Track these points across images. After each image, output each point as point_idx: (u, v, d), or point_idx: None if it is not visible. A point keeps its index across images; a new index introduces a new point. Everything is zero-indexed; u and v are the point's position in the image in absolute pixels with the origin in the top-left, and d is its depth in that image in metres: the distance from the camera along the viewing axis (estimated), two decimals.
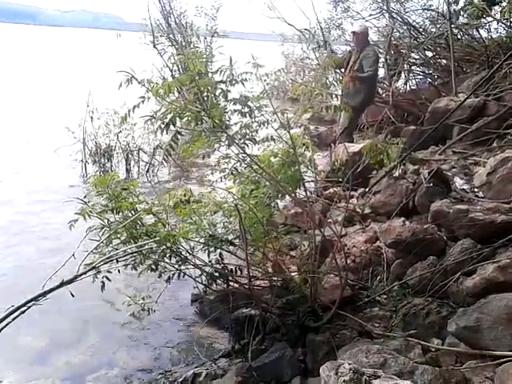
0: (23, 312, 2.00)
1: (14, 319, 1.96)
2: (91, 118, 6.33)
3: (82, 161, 6.52)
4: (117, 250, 2.55)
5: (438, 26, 8.86)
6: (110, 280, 2.59)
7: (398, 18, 9.00)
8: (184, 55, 2.76)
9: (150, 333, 3.18)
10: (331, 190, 4.33)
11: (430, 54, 8.98)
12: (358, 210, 3.99)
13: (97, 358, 2.90)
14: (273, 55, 10.31)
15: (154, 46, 9.98)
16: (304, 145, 2.97)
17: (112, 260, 2.47)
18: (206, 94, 2.61)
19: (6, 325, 1.93)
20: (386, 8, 8.94)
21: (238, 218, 2.75)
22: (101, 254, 2.47)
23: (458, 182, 3.98)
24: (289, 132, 2.76)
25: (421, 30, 9.14)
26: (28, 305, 2.03)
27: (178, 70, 9.66)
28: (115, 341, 3.09)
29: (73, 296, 2.26)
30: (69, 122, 6.42)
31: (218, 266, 2.95)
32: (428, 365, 2.17)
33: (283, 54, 12.59)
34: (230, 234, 3.01)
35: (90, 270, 2.28)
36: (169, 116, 2.59)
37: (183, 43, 10.58)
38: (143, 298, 3.14)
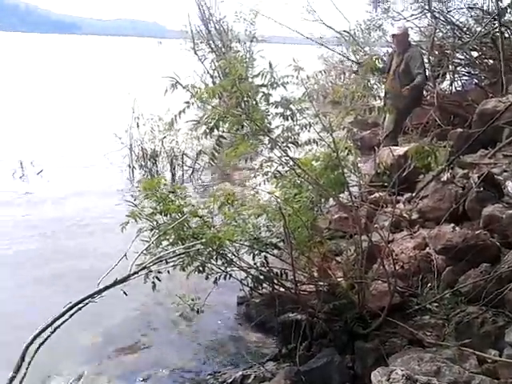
0: (80, 309, 2.08)
1: (71, 316, 2.04)
2: (137, 124, 6.51)
3: (129, 166, 6.72)
4: (166, 251, 2.60)
5: (484, 24, 8.55)
6: (160, 280, 2.64)
7: (441, 17, 8.75)
8: (225, 60, 2.79)
9: (197, 334, 3.21)
10: (376, 195, 4.24)
11: (475, 53, 8.69)
12: (405, 215, 3.89)
13: (147, 357, 2.95)
14: (311, 59, 10.25)
15: (195, 53, 10.17)
16: (346, 148, 2.93)
17: (162, 260, 2.53)
18: (246, 98, 2.63)
19: (64, 321, 2.01)
20: (427, 8, 8.72)
21: (281, 222, 2.74)
22: (151, 254, 2.54)
23: (510, 187, 3.82)
24: (331, 135, 2.73)
25: (465, 29, 8.85)
26: (84, 302, 2.11)
27: (219, 75, 9.80)
28: (165, 341, 3.14)
29: (126, 295, 2.33)
30: (116, 128, 6.61)
31: (263, 269, 2.95)
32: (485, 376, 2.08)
33: (322, 58, 12.50)
34: (274, 238, 3.00)
35: (141, 270, 2.34)
36: (213, 121, 2.64)
37: (223, 49, 10.73)
38: (192, 299, 3.18)
